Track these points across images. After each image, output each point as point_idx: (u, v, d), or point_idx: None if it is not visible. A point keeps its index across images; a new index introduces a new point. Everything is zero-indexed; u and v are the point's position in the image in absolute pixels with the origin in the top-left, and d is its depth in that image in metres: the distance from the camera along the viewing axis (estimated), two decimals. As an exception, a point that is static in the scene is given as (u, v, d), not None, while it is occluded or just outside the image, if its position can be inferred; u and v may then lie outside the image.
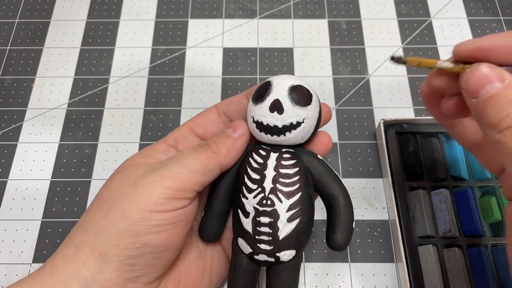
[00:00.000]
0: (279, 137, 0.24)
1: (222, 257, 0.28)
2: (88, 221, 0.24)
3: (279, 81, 0.25)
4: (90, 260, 0.22)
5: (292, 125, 0.24)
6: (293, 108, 0.24)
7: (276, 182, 0.24)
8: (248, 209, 0.24)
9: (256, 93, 0.25)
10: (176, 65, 0.40)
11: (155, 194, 0.23)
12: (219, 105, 0.29)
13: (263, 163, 0.25)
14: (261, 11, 0.43)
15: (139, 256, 0.23)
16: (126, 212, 0.22)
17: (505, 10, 0.42)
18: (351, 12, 0.43)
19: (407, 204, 0.32)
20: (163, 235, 0.23)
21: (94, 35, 0.42)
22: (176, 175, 0.23)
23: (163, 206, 0.23)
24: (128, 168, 0.25)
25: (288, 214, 0.24)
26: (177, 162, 0.24)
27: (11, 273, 0.31)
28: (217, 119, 0.28)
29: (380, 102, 0.38)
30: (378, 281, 0.31)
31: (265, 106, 0.24)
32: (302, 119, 0.24)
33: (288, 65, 0.40)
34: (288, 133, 0.24)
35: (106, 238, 0.22)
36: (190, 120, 0.29)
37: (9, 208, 0.34)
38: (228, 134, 0.26)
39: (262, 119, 0.24)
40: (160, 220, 0.23)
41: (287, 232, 0.24)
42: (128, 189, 0.23)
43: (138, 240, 0.22)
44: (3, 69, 0.40)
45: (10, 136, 0.37)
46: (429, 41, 0.41)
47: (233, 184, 0.26)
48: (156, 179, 0.23)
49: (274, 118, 0.24)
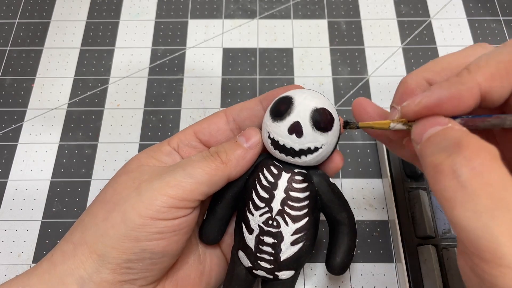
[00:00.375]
0: (294, 158, 0.23)
1: (222, 260, 0.28)
2: (88, 220, 0.24)
3: (302, 101, 0.23)
4: (88, 260, 0.22)
5: (310, 150, 0.23)
6: (313, 133, 0.23)
7: (285, 205, 0.23)
8: (253, 226, 0.24)
9: (275, 107, 0.24)
10: (176, 65, 0.40)
11: (158, 202, 0.22)
12: (228, 110, 0.27)
13: (273, 182, 0.24)
14: (261, 12, 0.43)
15: (137, 261, 0.22)
16: (127, 217, 0.22)
17: (505, 10, 0.42)
18: (351, 12, 0.43)
19: (406, 204, 0.32)
20: (162, 242, 0.23)
21: (94, 35, 0.42)
22: (181, 184, 0.23)
23: (165, 214, 0.22)
24: (134, 170, 0.25)
25: (292, 238, 0.24)
26: (183, 171, 0.23)
27: (11, 273, 0.32)
28: (225, 126, 0.27)
29: (380, 102, 0.38)
30: (377, 281, 0.31)
31: (284, 126, 0.23)
32: (320, 145, 0.23)
33: (288, 66, 0.40)
34: (304, 156, 0.23)
35: (105, 240, 0.22)
36: (196, 124, 0.27)
37: (9, 208, 0.34)
38: (240, 144, 0.24)
39: (278, 138, 0.23)
40: (161, 228, 0.22)
41: (289, 254, 0.24)
42: (132, 193, 0.23)
43: (137, 246, 0.22)
44: (3, 70, 0.40)
45: (10, 136, 0.37)
46: (428, 41, 0.41)
47: (239, 194, 0.25)
48: (160, 187, 0.23)
49: (292, 140, 0.23)
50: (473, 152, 0.17)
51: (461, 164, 0.16)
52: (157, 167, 0.25)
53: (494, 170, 0.16)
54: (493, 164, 0.16)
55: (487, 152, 0.17)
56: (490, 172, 0.16)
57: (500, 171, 0.16)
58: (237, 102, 0.38)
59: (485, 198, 0.16)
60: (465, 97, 0.18)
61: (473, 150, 0.17)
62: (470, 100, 0.18)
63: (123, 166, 0.26)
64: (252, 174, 0.25)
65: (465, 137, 0.17)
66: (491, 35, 0.41)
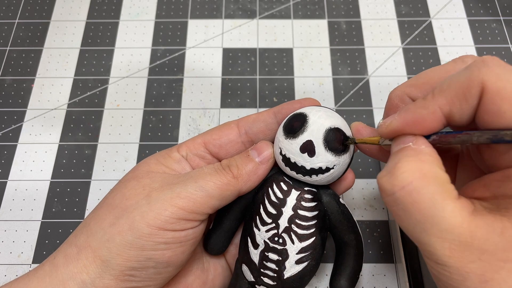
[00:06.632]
0: (304, 177, 0.23)
1: (226, 270, 0.28)
2: (94, 224, 0.23)
3: (316, 119, 0.23)
4: (92, 265, 0.22)
5: (321, 170, 0.23)
6: (325, 153, 0.22)
7: (292, 223, 0.23)
8: (259, 241, 0.24)
9: (289, 124, 0.23)
10: (176, 65, 0.40)
11: (167, 212, 0.22)
12: (241, 121, 0.27)
13: (282, 198, 0.24)
14: (261, 12, 0.43)
15: (141, 269, 0.22)
16: (135, 225, 0.22)
17: (505, 10, 0.42)
18: (351, 12, 0.43)
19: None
20: (168, 252, 0.22)
21: (94, 35, 0.42)
22: (192, 196, 0.22)
23: (173, 225, 0.22)
24: (144, 176, 0.24)
25: (297, 257, 0.23)
26: (195, 183, 0.23)
27: (11, 274, 0.31)
28: (236, 138, 0.26)
29: (380, 102, 0.38)
30: (377, 281, 0.31)
31: (297, 144, 0.22)
32: (332, 165, 0.23)
33: (288, 66, 0.40)
34: (315, 176, 0.23)
35: (110, 246, 0.22)
36: (206, 133, 0.27)
37: (8, 208, 0.34)
38: (252, 158, 0.24)
39: (290, 155, 0.23)
40: (168, 238, 0.22)
41: (293, 272, 0.23)
42: (141, 200, 0.23)
43: (142, 254, 0.22)
44: (3, 70, 0.40)
45: (10, 136, 0.37)
46: (429, 42, 0.41)
47: (247, 206, 0.25)
48: (171, 197, 0.22)
49: (303, 159, 0.22)
50: (405, 173, 0.18)
51: (393, 184, 0.19)
52: (168, 174, 0.24)
53: (423, 189, 0.18)
54: (423, 183, 0.18)
55: (418, 172, 0.18)
56: (418, 191, 0.18)
57: (429, 190, 0.18)
58: (237, 102, 0.38)
59: (416, 213, 0.18)
60: (428, 121, 0.20)
61: (405, 171, 0.18)
62: (433, 123, 0.20)
63: (132, 170, 0.26)
64: (262, 188, 0.25)
65: (404, 158, 0.19)
66: (491, 35, 0.41)
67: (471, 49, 0.40)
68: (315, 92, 0.39)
